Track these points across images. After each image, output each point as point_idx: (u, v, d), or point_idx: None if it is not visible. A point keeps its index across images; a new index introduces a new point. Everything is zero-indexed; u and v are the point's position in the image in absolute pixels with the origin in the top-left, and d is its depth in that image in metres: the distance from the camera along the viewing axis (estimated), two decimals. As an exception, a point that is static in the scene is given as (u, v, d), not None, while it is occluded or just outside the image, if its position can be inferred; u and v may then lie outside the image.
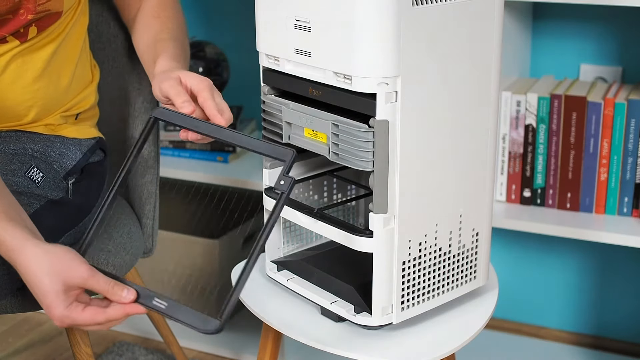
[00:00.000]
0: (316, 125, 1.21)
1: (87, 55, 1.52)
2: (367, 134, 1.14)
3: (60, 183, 1.40)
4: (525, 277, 2.09)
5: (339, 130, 1.18)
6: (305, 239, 1.40)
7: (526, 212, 1.76)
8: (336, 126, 1.18)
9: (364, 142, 1.14)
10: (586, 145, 1.72)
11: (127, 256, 1.50)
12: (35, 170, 1.37)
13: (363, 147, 1.15)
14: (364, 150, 1.15)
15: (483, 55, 1.22)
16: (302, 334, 1.24)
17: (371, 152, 1.14)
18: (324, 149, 1.22)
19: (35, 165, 1.38)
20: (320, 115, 1.21)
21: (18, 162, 1.37)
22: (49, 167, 1.39)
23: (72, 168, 1.43)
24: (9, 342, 2.11)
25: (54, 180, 1.39)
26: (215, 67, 2.17)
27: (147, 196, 1.64)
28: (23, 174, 1.35)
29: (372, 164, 1.15)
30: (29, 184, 1.34)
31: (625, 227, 1.67)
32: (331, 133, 1.19)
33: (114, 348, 2.06)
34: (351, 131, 1.16)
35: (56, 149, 1.42)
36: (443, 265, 1.25)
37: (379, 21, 1.09)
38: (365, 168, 1.16)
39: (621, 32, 1.88)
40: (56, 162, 1.41)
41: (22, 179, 1.34)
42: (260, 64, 1.28)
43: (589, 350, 2.01)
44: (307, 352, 1.96)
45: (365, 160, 1.15)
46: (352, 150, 1.16)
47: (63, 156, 1.43)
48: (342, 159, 1.18)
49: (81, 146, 1.46)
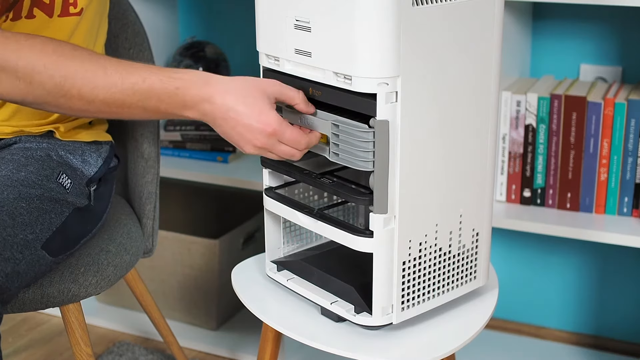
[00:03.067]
0: (316, 125, 1.21)
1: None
2: (367, 134, 1.14)
3: (84, 190, 1.40)
4: (525, 277, 2.09)
5: (339, 130, 1.18)
6: (305, 239, 1.40)
7: (526, 212, 1.76)
8: (336, 126, 1.18)
9: (364, 142, 1.14)
10: (586, 145, 1.72)
11: (127, 256, 1.50)
12: (64, 177, 1.36)
13: (363, 147, 1.15)
14: (364, 150, 1.15)
15: (483, 56, 1.22)
16: (302, 334, 1.24)
17: (371, 152, 1.14)
18: (324, 149, 1.22)
19: (63, 172, 1.37)
20: (320, 115, 1.21)
21: (49, 167, 1.36)
22: (74, 173, 1.39)
23: (94, 175, 1.43)
24: (9, 342, 2.11)
25: (79, 186, 1.39)
26: (215, 67, 2.17)
27: (147, 196, 1.64)
28: (55, 180, 1.34)
29: (372, 164, 1.15)
30: (61, 190, 1.34)
31: (625, 227, 1.67)
32: (331, 133, 1.19)
33: (114, 348, 2.06)
34: (351, 131, 1.16)
35: (78, 156, 1.42)
36: (443, 266, 1.25)
37: (379, 21, 1.09)
38: (365, 168, 1.16)
39: (621, 32, 1.88)
40: (79, 169, 1.41)
41: (56, 185, 1.34)
42: (261, 64, 1.28)
43: (589, 350, 2.01)
44: (307, 352, 1.96)
45: (365, 160, 1.15)
46: (352, 150, 1.16)
47: (85, 163, 1.42)
48: (342, 159, 1.18)
49: (100, 153, 1.46)
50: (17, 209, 1.24)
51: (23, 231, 1.23)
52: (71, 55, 1.19)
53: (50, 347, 2.11)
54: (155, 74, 1.19)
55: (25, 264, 1.22)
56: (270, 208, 1.32)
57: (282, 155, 1.20)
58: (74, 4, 1.35)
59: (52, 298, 1.37)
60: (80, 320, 1.44)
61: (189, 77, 1.19)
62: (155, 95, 1.19)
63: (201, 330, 2.11)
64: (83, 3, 1.36)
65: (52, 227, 1.29)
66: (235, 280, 1.38)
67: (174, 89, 1.19)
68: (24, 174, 1.31)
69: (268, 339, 1.37)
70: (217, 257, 2.04)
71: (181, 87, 1.18)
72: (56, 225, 1.30)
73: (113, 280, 1.45)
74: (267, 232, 1.36)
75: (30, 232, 1.24)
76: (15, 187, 1.27)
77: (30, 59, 1.17)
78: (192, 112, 1.20)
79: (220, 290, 2.06)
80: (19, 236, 1.21)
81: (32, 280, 1.26)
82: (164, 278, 2.11)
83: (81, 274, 1.39)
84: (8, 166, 1.32)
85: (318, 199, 1.39)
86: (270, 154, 1.21)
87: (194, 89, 1.18)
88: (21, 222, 1.23)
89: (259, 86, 1.18)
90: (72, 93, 1.19)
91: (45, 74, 1.18)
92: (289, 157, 1.21)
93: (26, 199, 1.26)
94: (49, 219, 1.29)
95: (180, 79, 1.19)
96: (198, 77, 1.19)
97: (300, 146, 1.19)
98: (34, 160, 1.35)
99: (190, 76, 1.19)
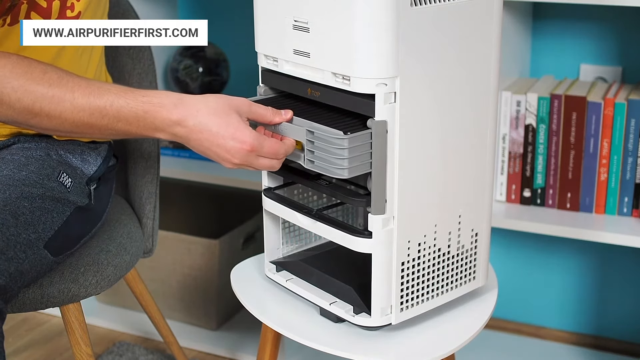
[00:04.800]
0: (291, 132, 1.20)
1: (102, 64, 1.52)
2: (342, 141, 1.12)
3: (84, 189, 1.40)
4: (525, 277, 2.09)
5: (314, 137, 1.16)
6: (304, 240, 1.40)
7: (526, 212, 1.76)
8: (311, 133, 1.16)
9: (339, 149, 1.12)
10: (586, 145, 1.72)
11: (127, 256, 1.50)
12: (65, 176, 1.36)
13: (338, 155, 1.13)
14: (339, 157, 1.12)
15: (483, 55, 1.22)
16: (302, 335, 1.24)
17: (346, 159, 1.12)
18: (299, 156, 1.20)
19: (64, 171, 1.37)
20: (296, 121, 1.20)
21: (49, 167, 1.36)
22: (74, 172, 1.39)
23: (94, 174, 1.43)
24: (9, 342, 2.11)
25: (79, 185, 1.39)
26: (215, 67, 2.17)
27: (147, 196, 1.64)
28: (55, 179, 1.34)
29: (347, 172, 1.13)
30: (62, 189, 1.34)
31: (625, 227, 1.67)
32: (306, 140, 1.17)
33: (114, 348, 2.06)
34: (326, 138, 1.14)
35: (77, 155, 1.42)
36: (442, 266, 1.25)
37: (377, 22, 1.09)
38: (340, 175, 1.14)
39: (621, 32, 1.87)
40: (78, 168, 1.41)
41: (56, 184, 1.33)
42: (259, 64, 1.28)
43: (589, 350, 2.01)
44: (306, 352, 1.96)
45: (340, 167, 1.13)
46: (327, 157, 1.14)
47: (85, 162, 1.42)
48: (317, 167, 1.16)
49: (99, 152, 1.46)
50: (19, 208, 1.24)
51: (26, 230, 1.23)
52: (40, 79, 1.20)
53: (50, 347, 2.11)
54: (123, 98, 1.19)
55: (28, 264, 1.22)
56: (269, 209, 1.32)
57: (262, 168, 1.20)
58: (71, 8, 1.35)
59: (52, 298, 1.37)
60: (80, 320, 1.44)
61: (158, 100, 1.18)
62: (123, 118, 1.19)
63: (201, 330, 2.11)
64: (81, 7, 1.36)
65: (54, 227, 1.29)
66: (234, 281, 1.38)
67: (143, 112, 1.18)
68: (25, 173, 1.31)
69: (267, 340, 1.37)
70: (217, 257, 2.04)
71: (150, 111, 1.18)
72: (58, 224, 1.30)
73: (113, 280, 1.45)
74: (266, 232, 1.35)
75: (33, 231, 1.24)
76: (17, 187, 1.27)
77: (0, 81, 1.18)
78: (164, 134, 1.20)
79: (220, 290, 2.06)
80: (22, 235, 1.22)
81: (33, 279, 1.27)
82: (164, 278, 2.11)
83: (81, 274, 1.39)
84: (9, 166, 1.32)
85: (317, 200, 1.39)
86: (250, 168, 1.21)
87: (163, 112, 1.18)
88: (24, 222, 1.23)
89: (230, 104, 1.18)
90: (42, 115, 1.20)
91: (13, 97, 1.19)
92: (269, 169, 1.21)
93: (28, 199, 1.26)
94: (51, 218, 1.29)
95: (149, 102, 1.18)
96: (168, 100, 1.18)
97: (279, 156, 1.19)
98: (34, 159, 1.35)
99: (159, 99, 1.18)
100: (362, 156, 1.14)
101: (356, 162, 1.14)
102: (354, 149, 1.13)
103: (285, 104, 1.25)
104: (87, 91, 1.20)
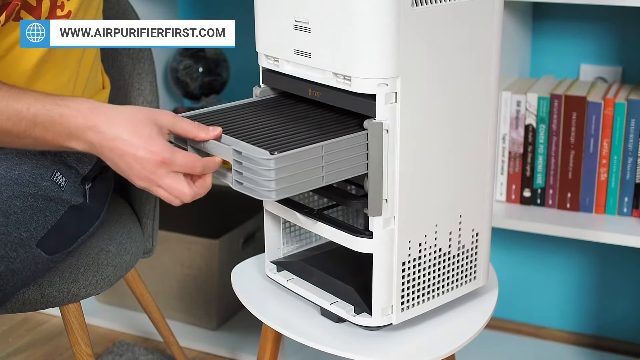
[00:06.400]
0: (218, 150, 1.16)
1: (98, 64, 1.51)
2: (269, 161, 1.07)
3: (79, 188, 1.40)
4: (525, 277, 2.09)
5: (242, 157, 1.11)
6: (305, 240, 1.40)
7: (526, 212, 1.76)
8: (238, 153, 1.12)
9: (266, 170, 1.08)
10: (586, 145, 1.72)
11: (127, 256, 1.50)
12: (58, 175, 1.36)
13: (266, 176, 1.08)
14: (267, 179, 1.08)
15: (483, 56, 1.22)
16: (302, 335, 1.24)
17: (274, 180, 1.07)
18: (226, 175, 1.17)
19: (57, 170, 1.37)
20: (224, 140, 1.15)
21: (43, 166, 1.35)
22: (68, 171, 1.39)
23: (89, 173, 1.43)
24: (9, 342, 2.11)
25: (74, 184, 1.38)
26: (215, 67, 2.17)
27: (147, 196, 1.64)
28: (49, 178, 1.34)
29: (275, 194, 1.08)
30: (55, 188, 1.34)
31: (625, 227, 1.67)
32: (233, 160, 1.12)
33: (114, 348, 2.06)
34: (254, 158, 1.09)
35: (72, 154, 1.42)
36: (443, 266, 1.25)
37: (378, 22, 1.09)
38: (268, 198, 1.08)
39: (621, 32, 1.87)
40: (73, 167, 1.41)
41: (50, 183, 1.33)
42: (260, 64, 1.28)
43: (589, 350, 2.01)
44: (307, 352, 1.96)
45: (268, 189, 1.08)
46: (254, 178, 1.10)
47: (80, 161, 1.42)
48: (245, 189, 1.11)
49: None
50: (10, 207, 1.24)
51: (17, 229, 1.22)
52: None
53: (50, 347, 2.11)
54: (40, 102, 1.17)
55: (19, 263, 1.22)
56: (270, 209, 1.32)
57: (172, 192, 1.14)
58: (61, 7, 1.35)
59: (52, 298, 1.37)
60: (80, 320, 1.44)
61: (75, 104, 1.16)
62: (40, 123, 1.17)
63: (201, 330, 2.11)
64: (71, 6, 1.35)
65: (47, 225, 1.29)
66: (235, 281, 1.38)
67: (58, 116, 1.16)
68: (18, 172, 1.31)
69: (268, 340, 1.37)
70: (217, 257, 2.04)
71: (65, 115, 1.16)
72: (51, 223, 1.30)
73: (113, 280, 1.45)
74: (266, 232, 1.35)
75: (25, 230, 1.24)
76: (9, 186, 1.27)
77: None
78: (78, 143, 1.17)
79: (220, 290, 2.06)
80: (12, 234, 1.21)
81: (29, 279, 1.26)
82: (164, 278, 2.11)
83: (81, 274, 1.39)
84: (2, 165, 1.32)
85: (318, 200, 1.38)
86: (159, 190, 1.14)
87: (79, 117, 1.15)
88: (15, 221, 1.23)
89: (149, 116, 1.15)
90: None
91: None
92: (179, 194, 1.14)
93: (20, 198, 1.26)
94: (44, 217, 1.29)
95: (66, 106, 1.16)
96: (85, 105, 1.16)
97: (195, 170, 1.14)
98: (27, 159, 1.35)
99: (76, 104, 1.16)
100: (297, 175, 1.09)
101: (285, 183, 1.09)
102: (282, 169, 1.08)
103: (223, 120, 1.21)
104: (8, 95, 1.17)
